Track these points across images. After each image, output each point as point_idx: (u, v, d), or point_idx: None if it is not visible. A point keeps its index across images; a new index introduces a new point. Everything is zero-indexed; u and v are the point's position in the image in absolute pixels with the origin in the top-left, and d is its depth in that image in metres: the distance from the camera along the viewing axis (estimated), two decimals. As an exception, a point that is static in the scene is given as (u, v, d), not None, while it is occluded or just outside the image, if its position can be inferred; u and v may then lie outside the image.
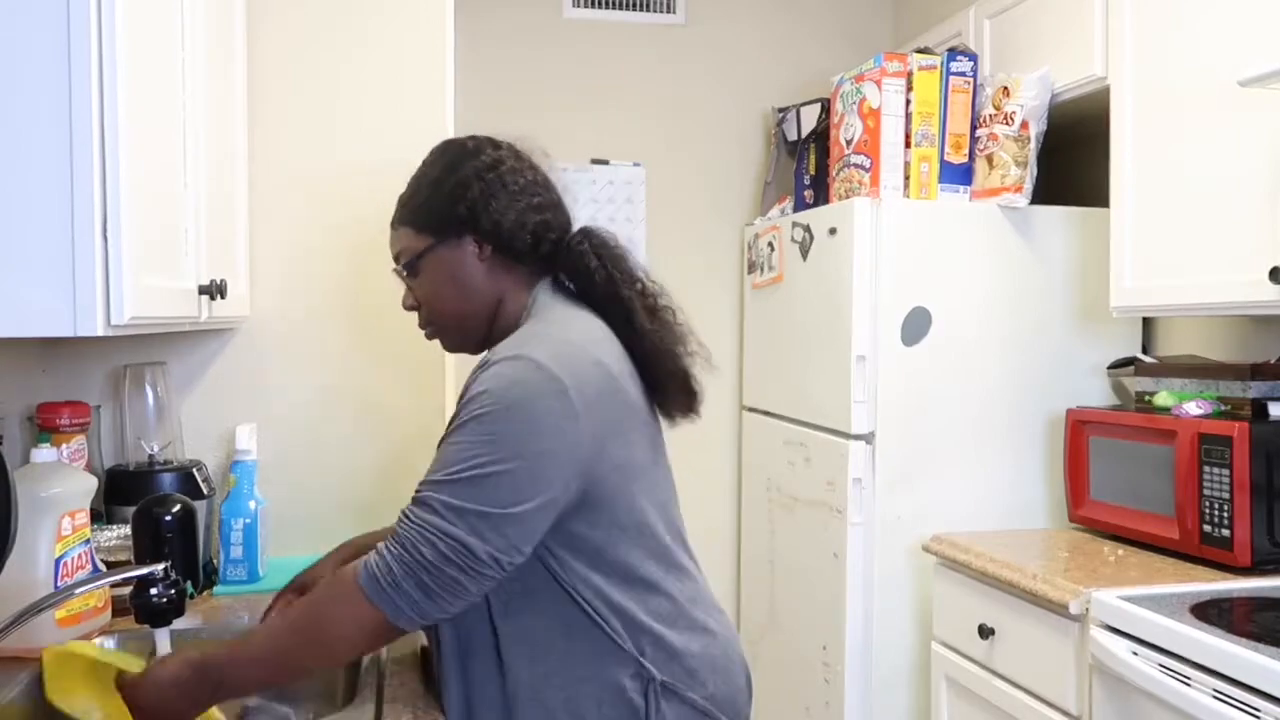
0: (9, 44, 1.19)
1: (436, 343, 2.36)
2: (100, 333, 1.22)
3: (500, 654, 1.28)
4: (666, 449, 1.44)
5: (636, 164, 3.63)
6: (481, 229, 1.39)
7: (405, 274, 1.45)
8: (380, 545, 1.21)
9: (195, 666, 1.22)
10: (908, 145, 2.70)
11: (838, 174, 2.86)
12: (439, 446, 1.24)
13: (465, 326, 1.43)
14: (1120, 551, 2.24)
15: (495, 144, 1.46)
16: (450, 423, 1.25)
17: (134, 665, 1.30)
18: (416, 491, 1.22)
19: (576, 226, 1.47)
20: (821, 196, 3.11)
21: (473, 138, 1.47)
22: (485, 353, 1.30)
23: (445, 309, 1.42)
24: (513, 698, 1.27)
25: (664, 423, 1.46)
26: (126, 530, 1.80)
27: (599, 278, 1.40)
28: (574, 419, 1.22)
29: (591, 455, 1.24)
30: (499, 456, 1.18)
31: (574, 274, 1.42)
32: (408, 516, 1.20)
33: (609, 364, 1.30)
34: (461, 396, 1.25)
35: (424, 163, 1.48)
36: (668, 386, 1.41)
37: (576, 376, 1.23)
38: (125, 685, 1.25)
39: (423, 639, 1.63)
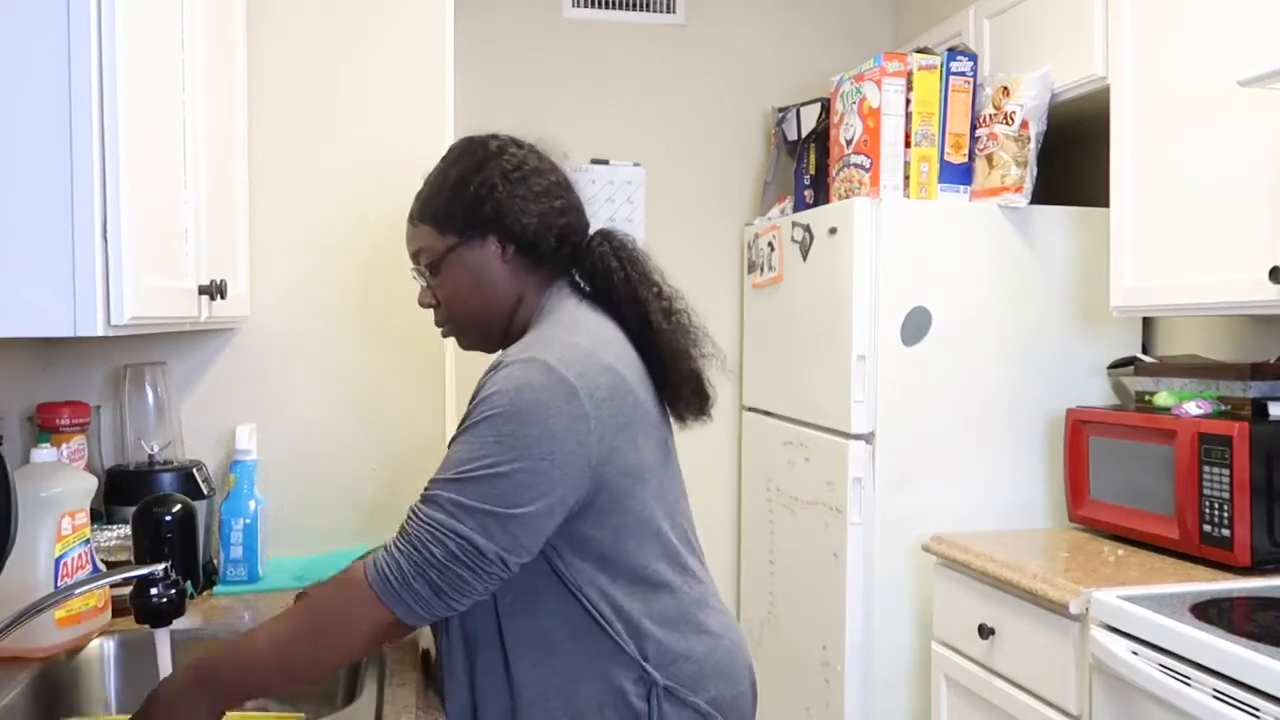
0: (9, 44, 1.19)
1: (437, 341, 2.37)
2: (100, 333, 1.22)
3: (506, 653, 1.29)
4: (676, 450, 1.45)
5: (636, 164, 3.63)
6: (506, 230, 1.39)
7: (426, 274, 1.44)
8: (389, 543, 1.21)
9: (201, 681, 1.20)
10: (908, 145, 2.70)
11: (838, 174, 2.86)
12: (450, 446, 1.25)
13: (485, 326, 1.43)
14: (1120, 551, 2.24)
15: (518, 144, 1.45)
16: (461, 422, 1.25)
17: None
18: (426, 489, 1.22)
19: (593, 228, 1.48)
20: (821, 196, 3.11)
21: (495, 137, 1.46)
22: (499, 354, 1.30)
23: (466, 309, 1.42)
24: (518, 697, 1.28)
25: (674, 424, 1.46)
26: (126, 530, 1.80)
27: (617, 279, 1.40)
28: (584, 421, 1.22)
29: (600, 457, 1.24)
30: (509, 457, 1.19)
31: (593, 275, 1.42)
32: (416, 514, 1.20)
33: (619, 366, 1.30)
34: (474, 397, 1.26)
35: (445, 160, 1.46)
36: (681, 389, 1.41)
37: (587, 379, 1.24)
38: (139, 712, 1.20)
39: (426, 639, 1.63)
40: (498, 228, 1.39)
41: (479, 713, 1.31)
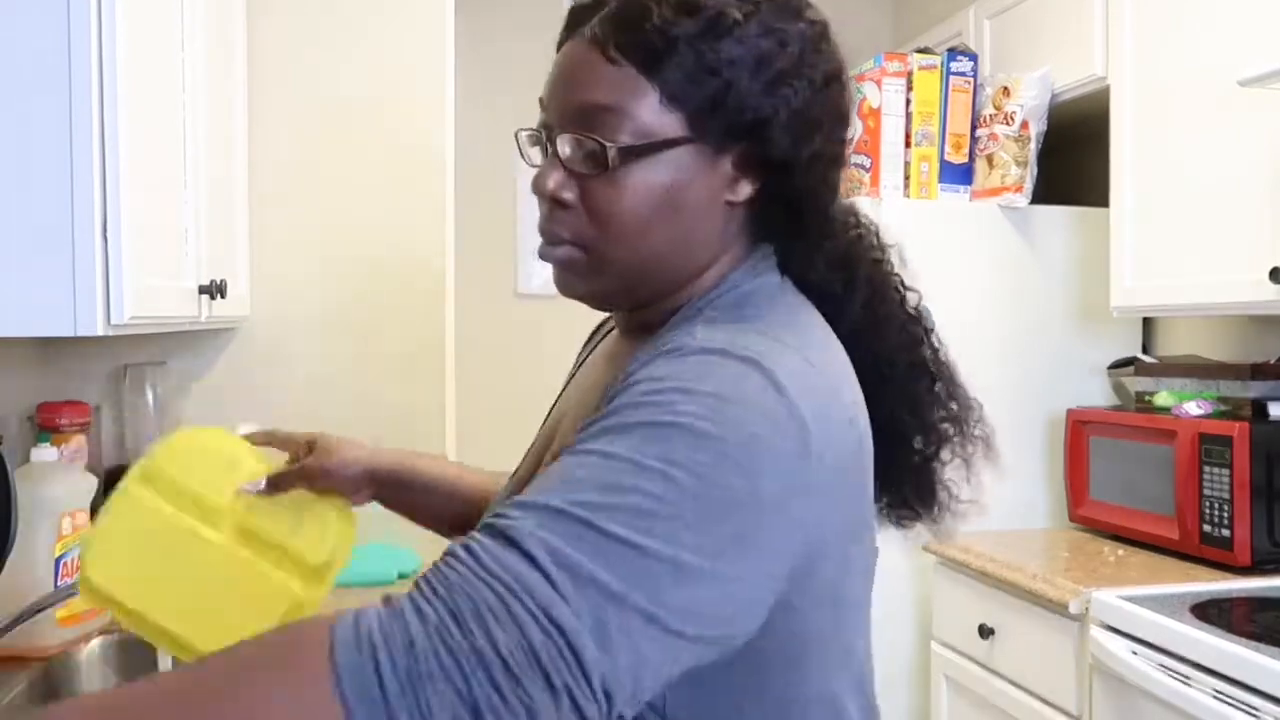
0: (9, 44, 1.19)
1: (438, 341, 2.36)
2: (100, 333, 1.23)
3: None
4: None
5: (636, 164, 3.63)
6: (776, 160, 0.84)
7: (590, 160, 0.82)
8: (406, 597, 0.66)
9: None
10: (908, 145, 2.70)
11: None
12: (564, 453, 0.74)
13: (640, 274, 0.86)
14: (1120, 551, 2.24)
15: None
16: (592, 420, 0.75)
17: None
18: (499, 516, 0.69)
19: None
20: (821, 196, 3.11)
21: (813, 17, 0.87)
22: (672, 333, 0.82)
23: (628, 237, 0.84)
24: None
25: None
26: (126, 530, 1.79)
27: (862, 295, 0.92)
28: (805, 495, 0.73)
29: (802, 560, 0.75)
30: (686, 514, 0.68)
31: (826, 268, 0.90)
32: (475, 556, 0.66)
33: (862, 422, 0.83)
34: (618, 383, 0.78)
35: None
36: (902, 481, 0.97)
37: (825, 428, 0.75)
38: None
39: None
40: (764, 149, 0.83)
41: None
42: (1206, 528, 2.07)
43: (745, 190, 0.85)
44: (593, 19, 0.85)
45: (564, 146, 0.83)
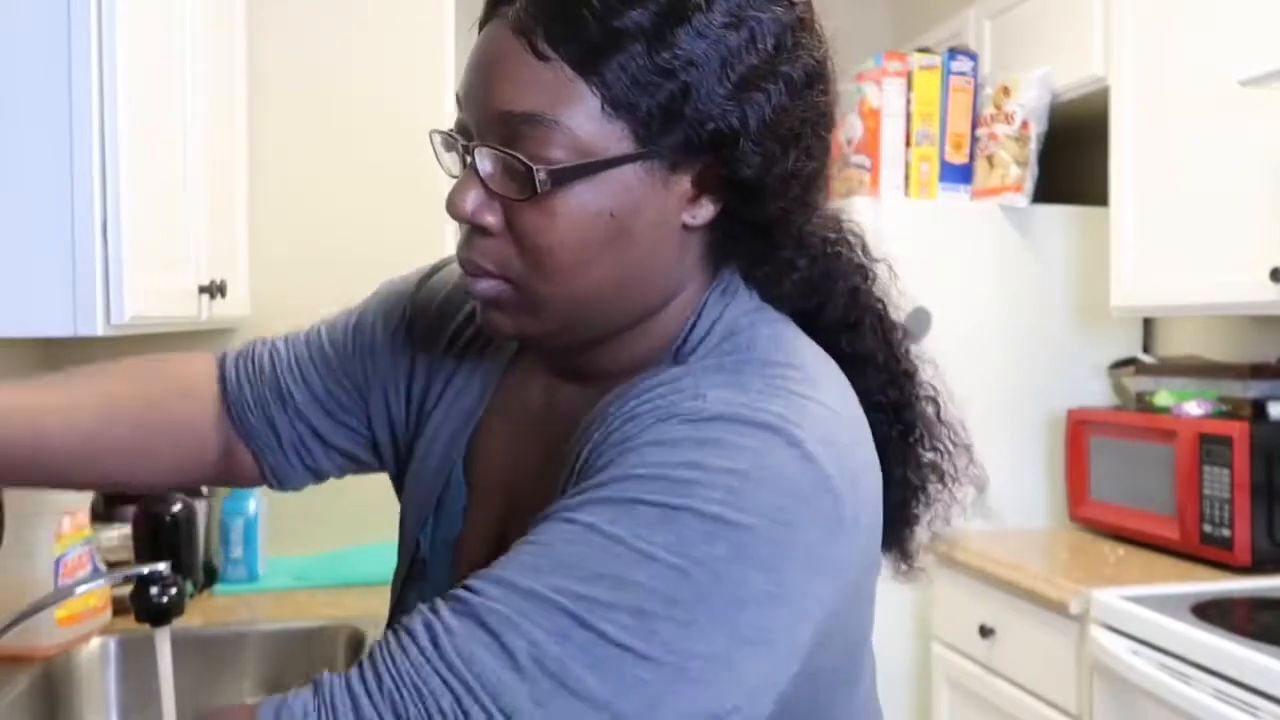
0: (9, 44, 1.19)
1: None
2: (100, 333, 1.23)
3: None
4: None
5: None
6: (744, 178, 0.69)
7: (528, 182, 0.67)
8: (343, 684, 0.58)
9: None
10: (908, 145, 2.70)
11: (838, 174, 2.85)
12: (548, 517, 0.63)
13: (590, 317, 0.73)
14: (1120, 551, 2.24)
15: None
16: (579, 477, 0.67)
17: None
18: (469, 590, 0.60)
19: None
20: (821, 196, 3.11)
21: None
22: (662, 388, 0.69)
23: (569, 272, 0.69)
24: None
25: None
26: (126, 530, 1.80)
27: (857, 320, 0.82)
28: (833, 576, 0.65)
29: (822, 635, 0.66)
30: (694, 617, 0.58)
31: (804, 294, 0.79)
32: (435, 641, 0.58)
33: (873, 449, 0.74)
34: (597, 439, 0.68)
35: None
36: (893, 530, 0.85)
37: (853, 480, 0.67)
38: None
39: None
40: (730, 168, 0.69)
41: None
42: (1207, 528, 2.07)
43: (706, 212, 0.71)
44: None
45: (484, 162, 0.68)
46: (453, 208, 0.69)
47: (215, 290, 1.68)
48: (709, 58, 0.66)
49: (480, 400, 0.84)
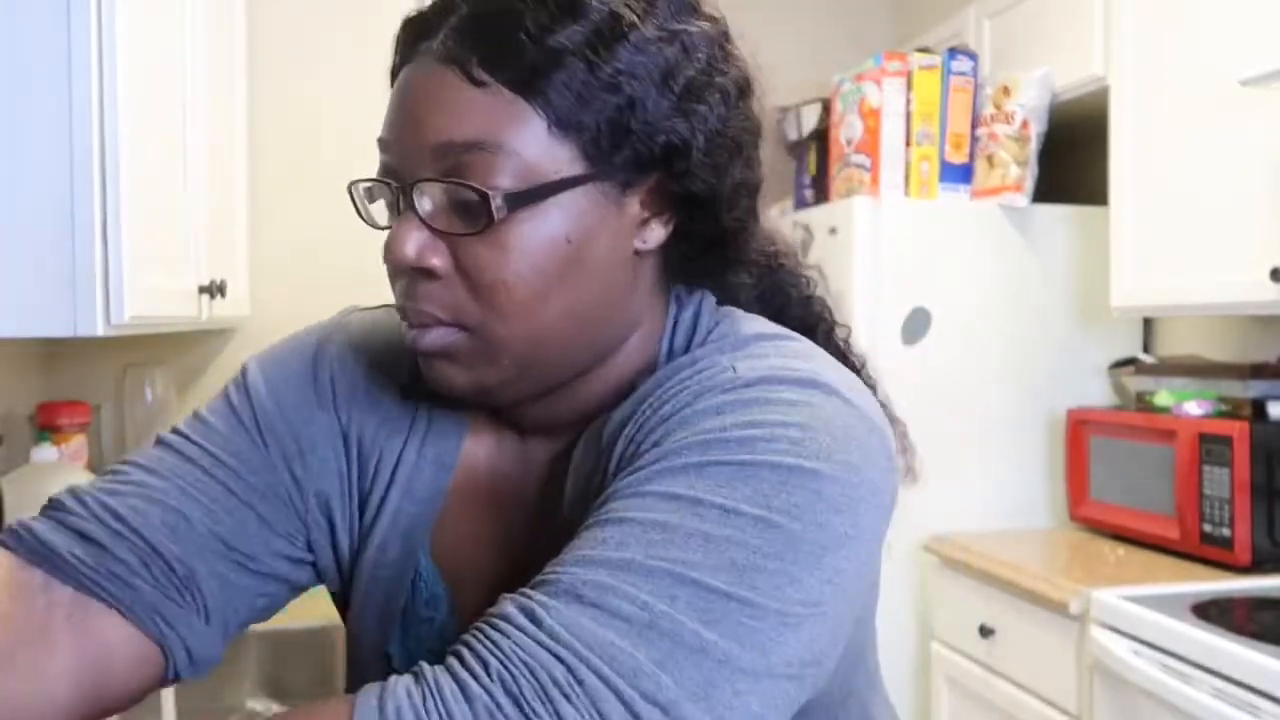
0: (10, 45, 1.19)
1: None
2: (100, 333, 1.23)
3: None
4: None
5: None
6: (694, 193, 0.70)
7: (479, 213, 0.65)
8: (445, 671, 0.56)
9: None
10: (908, 144, 2.70)
11: (838, 173, 2.86)
12: (612, 501, 0.63)
13: (546, 360, 0.70)
14: (1120, 551, 2.24)
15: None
16: (637, 464, 0.64)
17: None
18: (557, 574, 0.59)
19: None
20: (822, 196, 3.11)
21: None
22: (681, 372, 0.69)
23: (538, 316, 0.68)
24: None
25: None
26: (126, 530, 1.80)
27: (825, 320, 0.85)
28: (890, 508, 0.68)
29: (872, 579, 0.73)
30: (787, 560, 0.60)
31: (756, 305, 0.81)
32: (536, 620, 0.57)
33: None
34: (655, 423, 0.66)
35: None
36: None
37: (882, 420, 0.70)
38: None
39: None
40: (681, 182, 0.69)
41: None
42: (1206, 527, 2.07)
43: (657, 235, 0.71)
44: (438, 33, 0.67)
45: (423, 201, 0.65)
46: (392, 256, 0.66)
47: (215, 290, 1.68)
48: (650, 70, 0.66)
49: (441, 477, 0.76)
